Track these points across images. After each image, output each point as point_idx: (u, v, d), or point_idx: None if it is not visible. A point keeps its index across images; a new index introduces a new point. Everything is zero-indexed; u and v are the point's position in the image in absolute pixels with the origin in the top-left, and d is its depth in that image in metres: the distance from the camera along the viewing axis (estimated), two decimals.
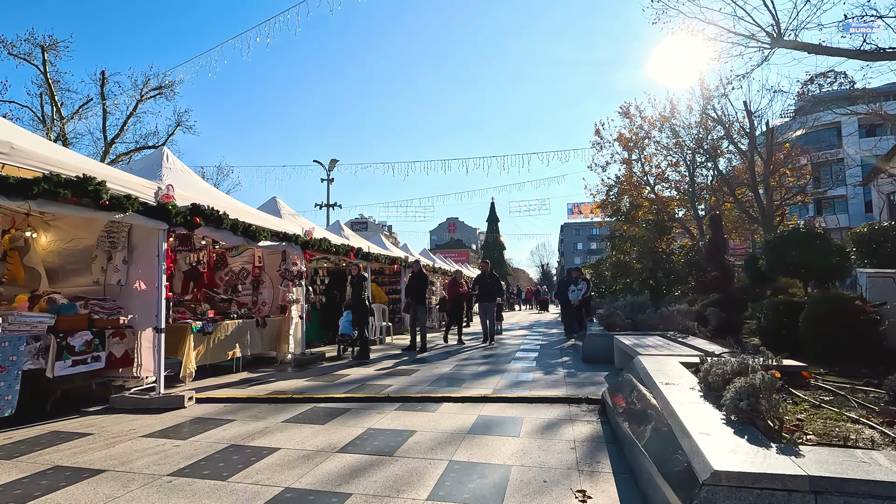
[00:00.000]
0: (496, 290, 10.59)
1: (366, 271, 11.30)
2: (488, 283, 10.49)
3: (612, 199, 23.25)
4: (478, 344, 10.17)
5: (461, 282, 10.91)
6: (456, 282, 11.20)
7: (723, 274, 8.52)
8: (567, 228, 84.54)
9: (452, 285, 11.00)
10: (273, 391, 5.63)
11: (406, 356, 8.84)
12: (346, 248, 9.65)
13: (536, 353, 9.22)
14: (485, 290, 10.46)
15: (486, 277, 10.65)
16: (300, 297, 8.10)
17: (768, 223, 17.21)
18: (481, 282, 10.65)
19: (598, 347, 7.75)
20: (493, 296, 10.50)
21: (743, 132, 18.75)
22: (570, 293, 11.36)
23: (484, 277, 10.69)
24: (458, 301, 10.85)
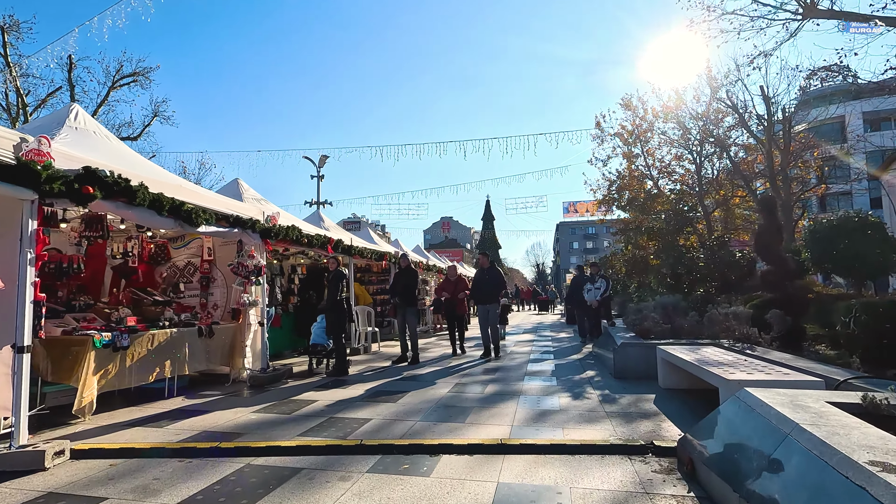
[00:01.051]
0: (498, 288, 8.50)
1: (349, 268, 9.66)
2: (487, 280, 8.45)
3: (613, 196, 21.93)
4: (479, 355, 8.52)
5: (460, 277, 9.09)
6: (450, 281, 8.88)
7: (780, 268, 6.98)
8: (563, 227, 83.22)
9: (447, 284, 8.83)
10: (198, 433, 3.99)
11: (394, 370, 7.22)
12: (321, 239, 8.01)
13: (552, 364, 7.64)
14: (484, 289, 8.39)
15: (484, 274, 8.61)
16: (259, 299, 6.46)
17: (787, 217, 15.81)
18: (479, 279, 8.60)
19: (632, 360, 6.19)
20: (495, 296, 8.42)
21: (759, 120, 17.42)
22: (586, 293, 9.80)
23: (483, 274, 8.63)
24: (451, 303, 8.69)
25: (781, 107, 17.57)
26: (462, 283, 8.75)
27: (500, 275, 8.64)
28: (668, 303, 8.31)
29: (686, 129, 19.13)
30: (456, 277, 8.77)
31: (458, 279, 8.76)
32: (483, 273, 8.67)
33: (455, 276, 8.77)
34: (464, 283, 8.79)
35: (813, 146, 20.21)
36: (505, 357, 8.53)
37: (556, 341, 11.39)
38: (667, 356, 5.33)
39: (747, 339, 5.91)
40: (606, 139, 22.05)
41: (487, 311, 8.41)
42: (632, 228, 12.29)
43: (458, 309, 8.59)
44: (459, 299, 8.54)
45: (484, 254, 9.28)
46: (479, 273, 8.86)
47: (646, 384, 5.73)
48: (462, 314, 8.70)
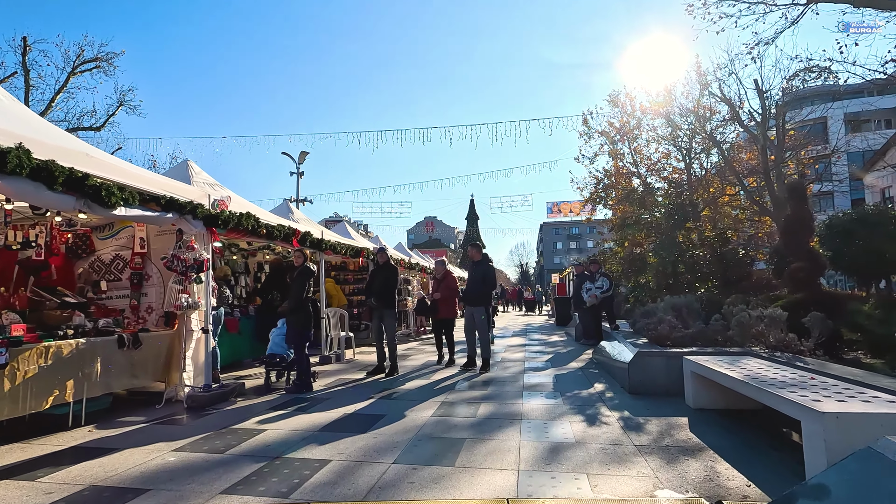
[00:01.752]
0: (490, 287, 7.15)
1: (320, 265, 8.52)
2: (476, 278, 7.05)
3: (600, 194, 21.26)
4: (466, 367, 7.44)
5: (448, 274, 7.57)
6: (436, 279, 7.62)
7: (810, 264, 6.12)
8: (546, 228, 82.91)
9: (434, 283, 7.66)
10: (81, 490, 2.85)
11: (368, 385, 6.12)
12: (283, 230, 6.87)
13: (551, 375, 6.64)
14: (473, 288, 7.07)
15: (474, 270, 7.21)
16: (202, 300, 5.31)
17: (781, 216, 15.17)
18: (470, 276, 7.37)
19: (652, 372, 5.22)
20: (485, 296, 7.04)
21: (751, 115, 16.86)
22: (585, 292, 8.86)
23: (472, 270, 7.26)
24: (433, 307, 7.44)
25: (775, 101, 16.97)
26: (450, 282, 7.51)
27: (493, 271, 7.26)
28: (681, 304, 7.39)
29: (676, 125, 18.53)
30: (443, 275, 7.58)
31: (446, 277, 7.55)
32: (474, 268, 7.27)
33: (442, 274, 7.57)
34: (452, 281, 7.54)
35: (803, 144, 19.79)
36: (496, 366, 7.50)
37: (550, 345, 10.42)
38: (700, 370, 4.36)
39: (785, 348, 5.00)
40: (594, 136, 21.45)
41: (473, 314, 7.00)
42: (629, 224, 11.43)
43: (444, 312, 7.42)
44: (447, 300, 7.40)
45: (475, 245, 7.49)
46: (470, 269, 7.49)
47: (670, 403, 4.76)
48: (450, 318, 7.48)
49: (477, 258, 7.26)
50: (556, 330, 14.78)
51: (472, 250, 7.41)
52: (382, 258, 6.92)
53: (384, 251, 6.99)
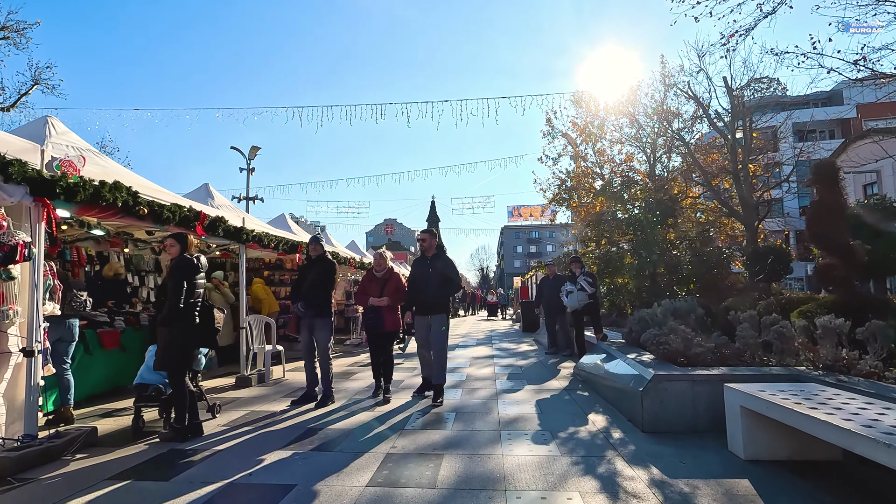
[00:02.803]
0: (449, 288, 5.23)
1: (241, 261, 6.76)
2: (431, 275, 5.13)
3: (563, 196, 20.64)
4: (420, 392, 5.50)
5: (392, 274, 5.43)
6: (374, 278, 5.37)
7: (846, 260, 5.01)
8: (507, 231, 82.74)
9: (369, 285, 5.36)
10: None
11: (286, 426, 4.45)
12: (180, 212, 5.10)
13: (530, 399, 5.20)
14: (426, 289, 5.13)
15: (427, 265, 5.22)
16: (19, 307, 3.51)
17: (750, 217, 14.62)
18: (418, 273, 5.26)
19: (673, 402, 3.87)
20: (442, 301, 5.19)
21: (719, 116, 16.43)
22: (565, 295, 7.52)
23: (424, 266, 5.23)
24: (376, 315, 5.17)
25: (742, 101, 16.48)
26: (398, 282, 5.33)
27: (453, 267, 5.28)
28: (683, 310, 6.17)
29: (640, 124, 18.01)
30: (384, 272, 5.35)
31: (392, 277, 5.35)
32: (425, 264, 5.20)
33: (383, 271, 5.36)
34: (399, 282, 5.36)
35: (765, 148, 19.67)
36: (461, 387, 6.00)
37: (520, 356, 9.04)
38: (759, 406, 3.02)
39: (848, 367, 3.77)
40: (557, 136, 20.81)
41: (429, 325, 5.07)
42: (607, 220, 10.34)
43: (383, 324, 5.17)
44: (388, 309, 5.18)
45: (430, 232, 5.43)
46: (418, 264, 5.34)
47: (706, 448, 3.41)
48: (394, 331, 5.32)
49: (431, 250, 5.25)
50: (524, 337, 13.48)
51: (427, 238, 5.28)
52: (316, 250, 5.26)
53: (318, 241, 5.31)
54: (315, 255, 5.28)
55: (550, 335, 9.37)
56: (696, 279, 10.51)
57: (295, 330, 5.23)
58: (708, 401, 3.83)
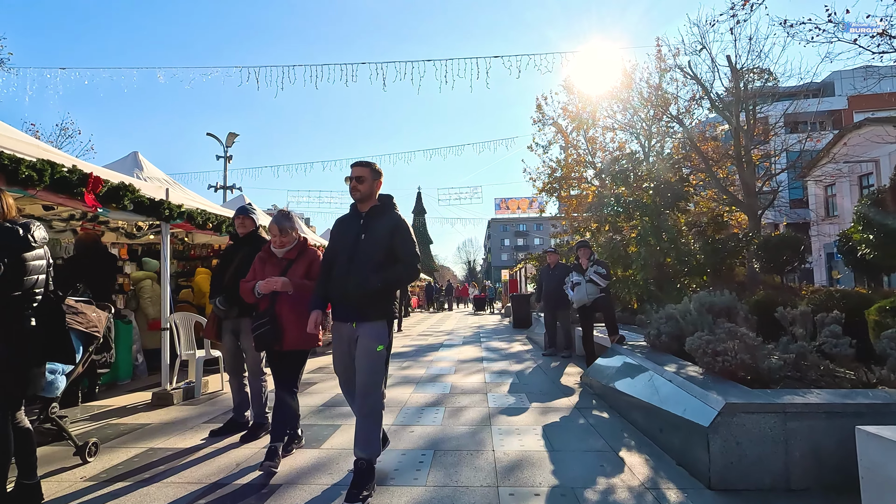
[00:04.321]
0: (408, 272, 2.77)
1: (164, 243, 5.33)
2: (362, 244, 2.74)
3: (553, 185, 19.68)
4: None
5: (304, 245, 3.35)
6: (271, 256, 3.29)
7: None
8: (494, 224, 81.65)
9: (266, 264, 3.27)
10: None
11: (186, 472, 3.07)
12: (45, 170, 3.65)
13: (536, 425, 3.90)
14: (349, 272, 2.69)
15: (357, 226, 2.81)
16: None
17: (753, 206, 13.56)
18: (341, 243, 2.82)
19: (755, 445, 2.60)
20: (380, 299, 2.71)
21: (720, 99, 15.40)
22: (569, 288, 6.23)
23: (356, 231, 2.80)
24: (271, 321, 3.05)
25: (744, 82, 15.34)
26: (308, 267, 3.22)
27: (408, 236, 2.80)
28: (719, 305, 4.93)
29: (635, 108, 16.97)
30: (290, 249, 3.27)
31: (301, 256, 3.27)
32: (355, 225, 2.83)
33: (288, 247, 3.26)
34: (314, 267, 3.20)
35: (765, 134, 18.77)
36: (443, 405, 4.68)
37: (514, 359, 7.77)
38: None
39: None
40: (548, 123, 19.70)
41: (352, 340, 2.73)
42: (610, 203, 9.11)
43: (282, 335, 3.05)
44: (297, 306, 3.06)
45: (368, 165, 2.85)
46: (344, 226, 2.90)
47: None
48: (293, 353, 3.16)
49: (369, 200, 2.86)
50: (515, 335, 12.23)
51: (364, 175, 2.81)
52: (244, 226, 3.85)
53: (247, 214, 3.85)
54: (244, 232, 3.88)
55: (550, 334, 8.11)
56: (711, 268, 9.34)
57: (214, 334, 3.83)
58: (808, 443, 2.58)
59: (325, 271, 2.87)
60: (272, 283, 3.04)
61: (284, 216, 3.29)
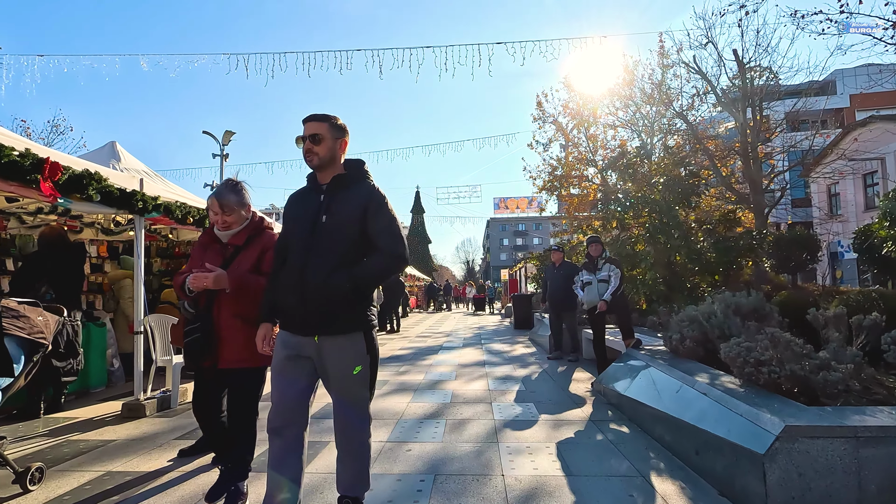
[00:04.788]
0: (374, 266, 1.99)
1: (138, 239, 4.86)
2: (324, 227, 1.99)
3: (554, 184, 19.33)
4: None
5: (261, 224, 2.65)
6: (212, 242, 2.61)
7: None
8: (493, 223, 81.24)
9: (204, 252, 2.59)
10: None
11: None
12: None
13: (549, 441, 3.45)
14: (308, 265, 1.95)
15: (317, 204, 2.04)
16: None
17: (760, 203, 13.17)
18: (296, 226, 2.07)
19: (822, 476, 2.16)
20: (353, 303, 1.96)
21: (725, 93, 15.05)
22: (579, 288, 5.79)
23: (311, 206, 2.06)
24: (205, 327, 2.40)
25: (751, 77, 14.94)
26: (261, 254, 2.51)
27: (389, 214, 2.03)
28: (744, 305, 4.49)
29: (637, 105, 16.62)
30: (238, 231, 2.55)
31: (251, 243, 2.54)
32: (314, 201, 2.06)
33: (236, 228, 2.53)
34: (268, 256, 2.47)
35: (772, 129, 18.39)
36: (445, 413, 4.23)
37: (518, 363, 7.33)
38: None
39: None
40: (549, 121, 19.33)
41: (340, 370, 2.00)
42: (616, 199, 8.67)
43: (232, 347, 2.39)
44: (243, 308, 2.41)
45: (322, 117, 2.05)
46: (298, 203, 2.13)
47: None
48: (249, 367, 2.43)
49: (331, 166, 2.07)
50: (517, 336, 11.79)
51: (322, 133, 2.02)
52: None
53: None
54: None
55: (555, 336, 7.67)
56: (721, 269, 8.92)
57: (177, 340, 3.38)
58: (887, 475, 2.14)
59: (277, 268, 2.13)
60: (200, 279, 2.30)
61: (229, 188, 2.51)
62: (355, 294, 1.94)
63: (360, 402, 2.06)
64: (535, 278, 19.11)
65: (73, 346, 4.59)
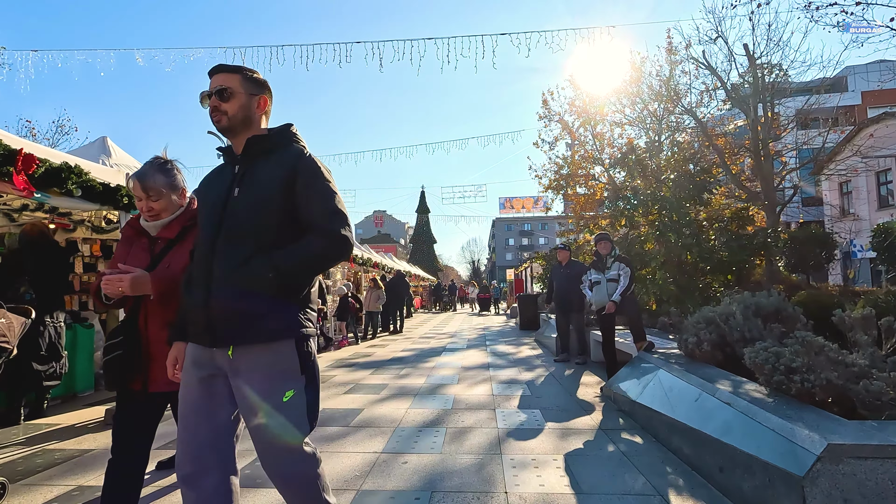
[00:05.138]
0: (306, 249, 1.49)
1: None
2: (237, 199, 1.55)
3: (560, 183, 19.07)
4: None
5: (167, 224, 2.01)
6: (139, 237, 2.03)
7: None
8: (498, 223, 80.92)
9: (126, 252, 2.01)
10: None
11: None
12: None
13: (557, 454, 3.19)
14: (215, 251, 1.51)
15: (229, 175, 1.62)
16: None
17: (771, 202, 12.80)
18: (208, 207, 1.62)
19: (870, 501, 1.89)
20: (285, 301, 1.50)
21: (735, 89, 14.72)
22: (587, 288, 5.53)
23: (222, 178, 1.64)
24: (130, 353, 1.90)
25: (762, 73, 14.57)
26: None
27: (319, 177, 1.55)
28: (768, 308, 4.21)
29: (645, 103, 16.33)
30: (177, 216, 2.02)
31: (188, 222, 2.03)
32: (228, 178, 1.62)
33: (159, 209, 1.98)
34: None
35: (787, 124, 18.00)
36: (445, 421, 3.97)
37: (524, 365, 7.06)
38: None
39: None
40: (554, 119, 19.07)
41: (261, 394, 1.46)
42: (625, 196, 8.36)
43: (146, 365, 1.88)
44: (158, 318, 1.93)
45: (232, 68, 1.63)
46: (210, 183, 1.68)
47: None
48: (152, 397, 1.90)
49: (239, 124, 1.62)
50: (523, 337, 11.52)
51: (229, 85, 1.59)
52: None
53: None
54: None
55: (562, 338, 7.40)
56: (735, 268, 8.60)
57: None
58: None
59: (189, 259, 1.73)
60: (114, 283, 1.77)
61: (156, 166, 1.97)
62: (278, 288, 1.46)
63: (293, 440, 1.48)
64: (541, 278, 18.84)
65: (55, 348, 4.38)
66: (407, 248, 59.59)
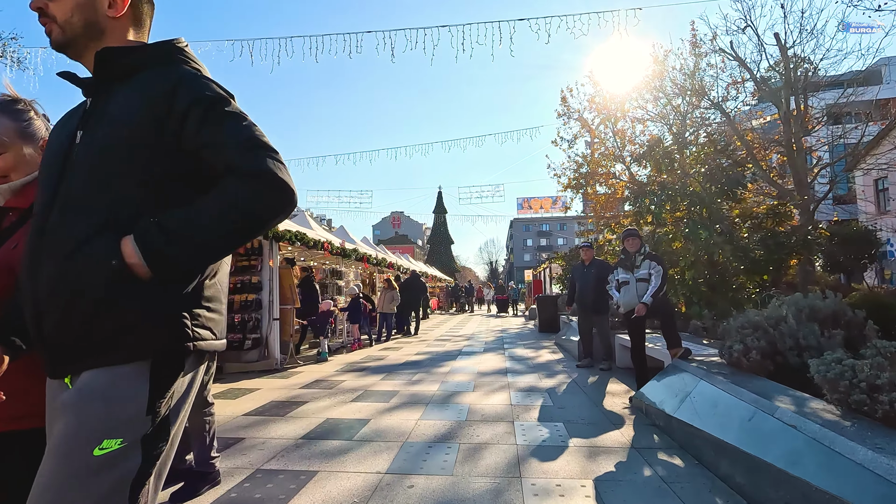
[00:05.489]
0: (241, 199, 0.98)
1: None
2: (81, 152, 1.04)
3: (580, 182, 18.57)
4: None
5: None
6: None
7: None
8: (517, 223, 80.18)
9: None
10: None
11: None
12: None
13: (579, 477, 2.79)
14: (35, 247, 1.01)
15: (70, 122, 1.12)
16: None
17: (804, 194, 12.03)
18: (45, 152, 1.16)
19: None
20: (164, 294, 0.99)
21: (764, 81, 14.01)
22: (614, 288, 5.07)
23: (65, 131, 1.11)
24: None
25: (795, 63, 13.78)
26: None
27: (221, 102, 1.06)
28: (824, 311, 3.71)
29: (668, 98, 15.68)
30: (30, 178, 1.38)
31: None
32: (75, 121, 1.09)
33: (5, 164, 1.35)
34: None
35: (821, 118, 17.12)
36: (459, 433, 3.59)
37: (544, 371, 6.62)
38: None
39: None
40: (573, 116, 18.55)
41: (62, 441, 0.90)
42: (651, 191, 7.83)
43: None
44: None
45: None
46: (54, 133, 1.17)
47: None
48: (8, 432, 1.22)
49: (78, 35, 1.07)
50: (542, 340, 11.05)
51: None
52: None
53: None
54: None
55: (585, 342, 6.94)
56: (771, 268, 8.00)
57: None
58: None
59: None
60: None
61: (1, 106, 1.34)
62: (174, 268, 0.96)
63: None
64: (561, 279, 18.29)
65: None
66: (424, 249, 59.39)
